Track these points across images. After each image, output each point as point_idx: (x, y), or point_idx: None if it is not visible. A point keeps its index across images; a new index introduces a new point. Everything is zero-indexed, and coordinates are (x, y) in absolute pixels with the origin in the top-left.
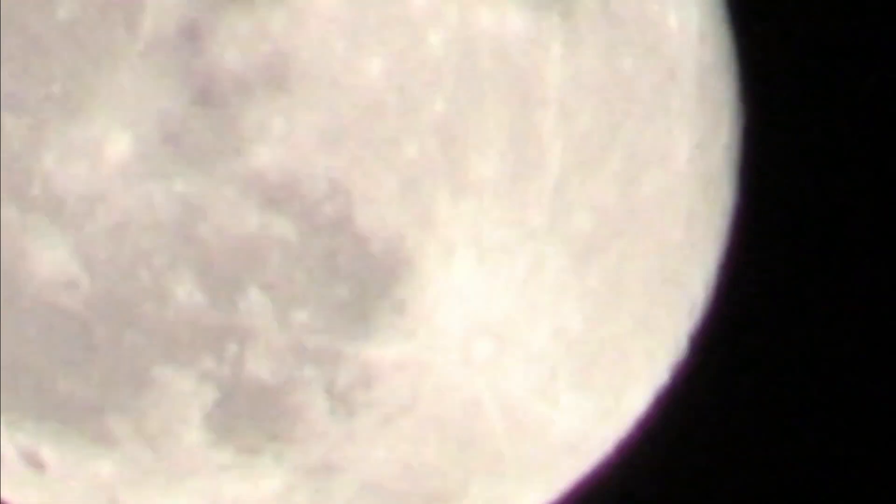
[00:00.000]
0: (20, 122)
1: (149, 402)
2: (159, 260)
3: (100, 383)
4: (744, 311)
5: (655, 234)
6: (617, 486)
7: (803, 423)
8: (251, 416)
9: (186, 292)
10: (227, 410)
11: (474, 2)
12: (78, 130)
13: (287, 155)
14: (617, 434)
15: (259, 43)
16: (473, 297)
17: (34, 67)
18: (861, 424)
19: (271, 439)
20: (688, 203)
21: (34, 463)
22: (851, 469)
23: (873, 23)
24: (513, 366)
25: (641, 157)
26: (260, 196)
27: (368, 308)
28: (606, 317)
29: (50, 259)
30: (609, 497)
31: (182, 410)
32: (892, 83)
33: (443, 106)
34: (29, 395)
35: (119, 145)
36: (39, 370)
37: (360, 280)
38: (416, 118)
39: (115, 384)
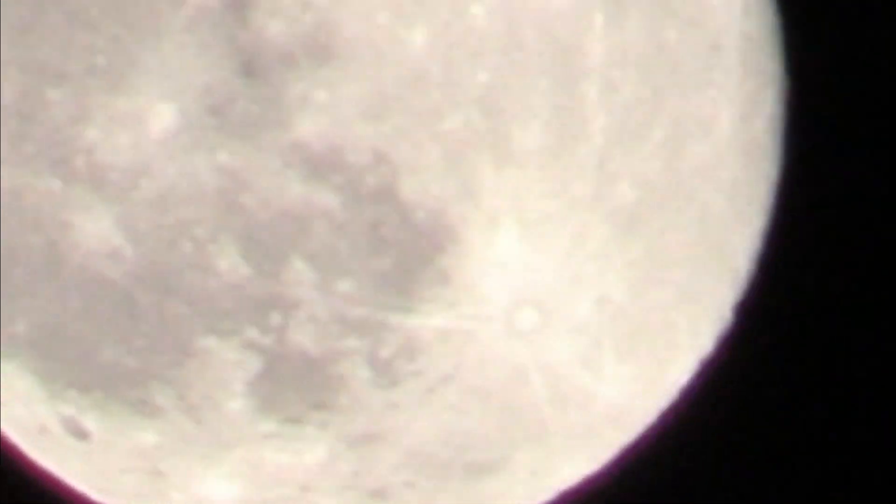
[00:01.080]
0: (64, 93)
1: (192, 372)
2: (203, 231)
3: (143, 353)
4: (787, 282)
5: (698, 204)
6: (660, 457)
7: (845, 393)
8: (295, 386)
9: (230, 263)
10: (270, 380)
11: None
12: (122, 102)
13: (330, 126)
14: (660, 404)
15: (302, 14)
16: (517, 267)
17: (78, 40)
18: None
19: (315, 409)
20: (731, 174)
21: (78, 432)
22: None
23: None
24: (556, 336)
25: (684, 128)
26: (303, 167)
27: (412, 278)
28: (650, 287)
29: (94, 230)
30: (653, 467)
31: (225, 380)
32: None
33: (486, 77)
34: (72, 365)
35: (163, 117)
36: (83, 340)
37: (404, 250)
38: (460, 89)
39: (158, 354)
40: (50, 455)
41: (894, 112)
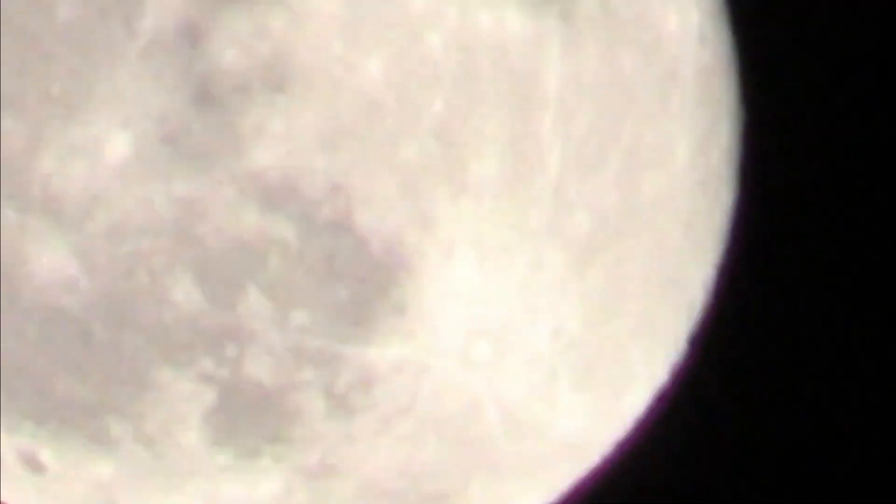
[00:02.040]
0: (19, 122)
1: (148, 404)
2: (158, 261)
3: (99, 385)
4: (743, 312)
5: (655, 235)
6: (617, 487)
7: (803, 425)
8: (250, 418)
9: (185, 293)
10: (226, 412)
11: (473, 3)
12: (77, 131)
13: (286, 155)
14: (616, 435)
15: (258, 43)
16: (473, 298)
17: (33, 68)
18: (861, 425)
19: (270, 441)
20: (687, 204)
21: (33, 464)
22: (851, 469)
23: (873, 23)
24: (512, 367)
25: (641, 158)
26: (259, 197)
27: (368, 309)
28: (606, 318)
29: (49, 260)
30: (609, 498)
31: (181, 412)
32: (892, 84)
33: (442, 106)
34: (28, 397)
35: (118, 146)
36: (38, 372)
37: (360, 281)
38: (415, 119)
39: (114, 385)
40: (5, 487)
41: (852, 143)
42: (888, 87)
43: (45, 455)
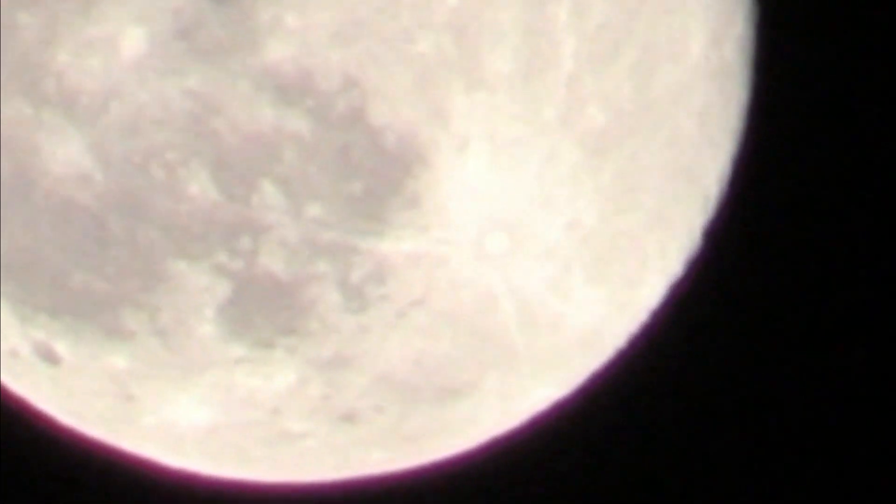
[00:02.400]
0: (34, 17)
1: (162, 296)
2: (173, 155)
3: (113, 277)
4: (757, 206)
5: (669, 128)
6: (630, 380)
7: (813, 320)
8: (264, 310)
9: (200, 187)
10: (240, 304)
11: None
12: (92, 26)
13: (301, 50)
14: (630, 328)
15: None
16: (487, 191)
17: None
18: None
19: (285, 333)
20: (701, 98)
21: (49, 356)
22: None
23: None
24: (526, 260)
25: (655, 51)
26: (274, 91)
27: (382, 202)
28: (620, 211)
29: (64, 154)
30: (622, 390)
31: (195, 304)
32: None
33: (456, 1)
34: (43, 290)
35: (133, 41)
36: (53, 265)
37: (374, 175)
38: (430, 12)
39: (128, 278)
40: (21, 380)
41: (863, 34)
42: None
43: (61, 347)
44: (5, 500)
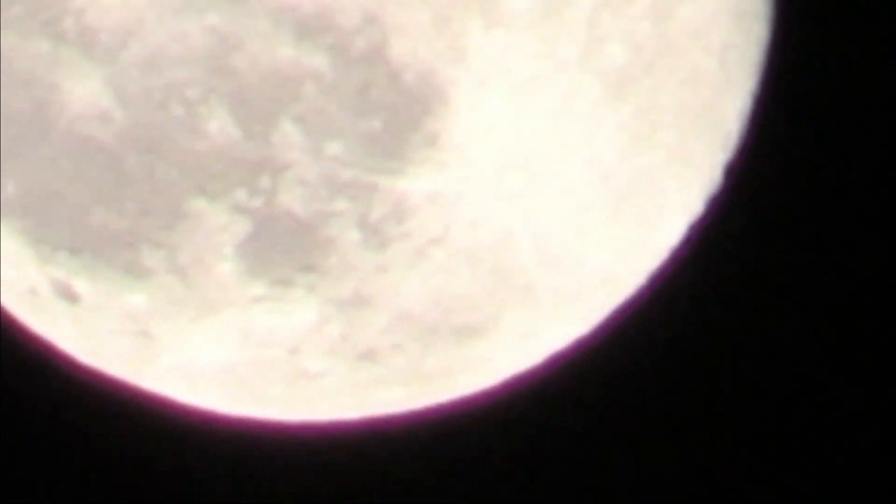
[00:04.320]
0: None
1: (181, 234)
2: (192, 92)
3: (132, 215)
4: (778, 144)
5: (689, 66)
6: (650, 319)
7: (831, 256)
8: (284, 248)
9: (219, 124)
10: (259, 242)
11: None
12: None
13: None
14: (650, 266)
15: None
16: (506, 128)
17: None
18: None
19: (304, 271)
20: (721, 36)
21: (67, 294)
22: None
23: None
24: (545, 198)
25: None
26: (293, 28)
27: (401, 140)
28: (640, 149)
29: (82, 92)
30: (642, 329)
31: (215, 242)
32: None
33: None
34: (62, 228)
35: None
36: (72, 203)
37: (393, 112)
38: None
39: (147, 216)
40: (39, 317)
41: None
42: None
43: (79, 285)
44: (23, 440)
